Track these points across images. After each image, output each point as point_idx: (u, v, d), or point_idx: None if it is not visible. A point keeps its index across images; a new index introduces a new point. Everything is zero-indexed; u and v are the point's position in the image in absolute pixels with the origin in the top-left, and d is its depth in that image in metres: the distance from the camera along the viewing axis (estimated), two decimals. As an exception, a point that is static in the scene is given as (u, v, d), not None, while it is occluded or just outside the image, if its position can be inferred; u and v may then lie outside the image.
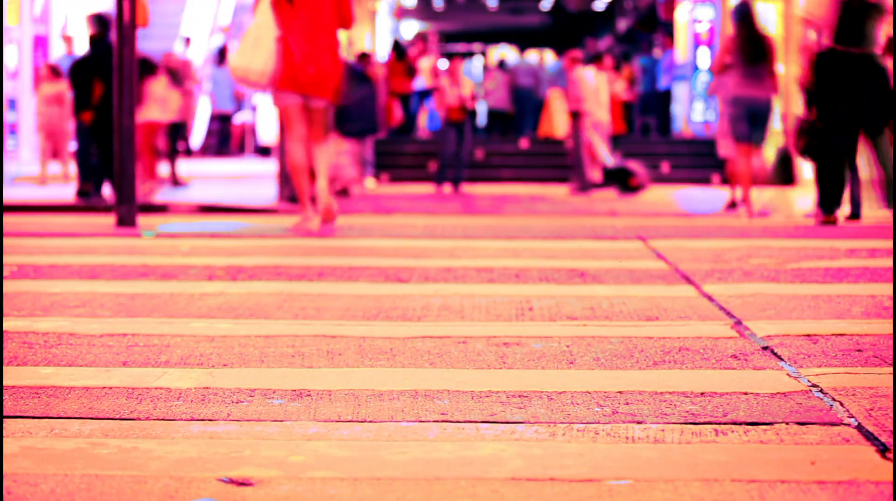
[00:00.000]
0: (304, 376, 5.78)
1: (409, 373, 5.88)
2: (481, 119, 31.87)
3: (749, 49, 13.61)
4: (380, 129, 15.64)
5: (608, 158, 21.16)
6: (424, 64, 27.71)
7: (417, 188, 22.03)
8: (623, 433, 4.74)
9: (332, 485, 4.09)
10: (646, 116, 30.93)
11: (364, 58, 21.38)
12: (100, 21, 17.78)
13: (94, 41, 17.73)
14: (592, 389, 5.48)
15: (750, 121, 14.03)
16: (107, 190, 18.26)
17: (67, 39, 21.69)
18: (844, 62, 12.02)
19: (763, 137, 14.13)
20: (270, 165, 21.25)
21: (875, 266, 10.10)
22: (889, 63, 12.12)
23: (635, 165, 21.20)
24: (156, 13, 22.42)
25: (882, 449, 4.49)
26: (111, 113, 17.47)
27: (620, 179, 20.89)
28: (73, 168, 20.28)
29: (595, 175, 22.11)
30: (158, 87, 18.92)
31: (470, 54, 48.92)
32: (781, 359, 6.18)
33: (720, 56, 14.51)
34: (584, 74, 21.59)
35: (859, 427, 4.80)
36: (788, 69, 21.29)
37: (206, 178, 19.78)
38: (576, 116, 21.41)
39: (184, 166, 20.61)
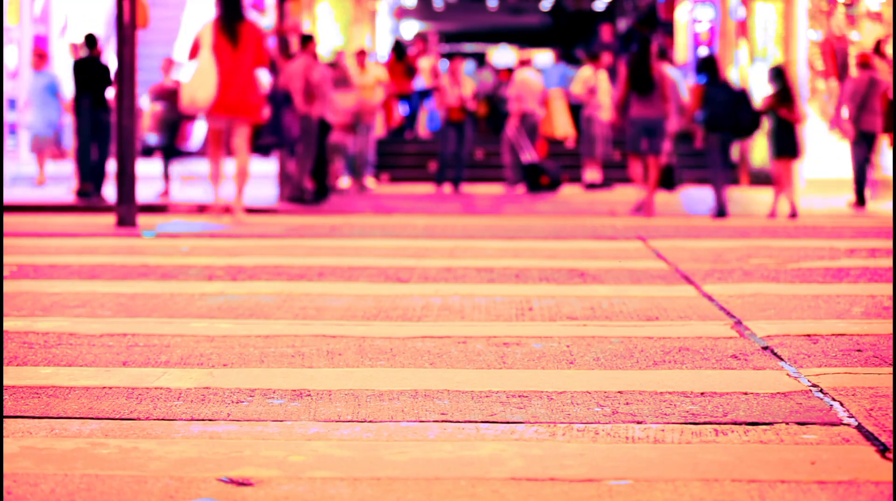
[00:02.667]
0: (304, 376, 5.78)
1: (409, 373, 5.88)
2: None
3: (641, 83, 16.85)
4: (288, 143, 17.22)
5: (528, 155, 21.41)
6: (424, 64, 27.71)
7: (417, 188, 22.02)
8: (623, 433, 4.74)
9: (332, 485, 4.09)
10: None
11: (361, 55, 21.39)
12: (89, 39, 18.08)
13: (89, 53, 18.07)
14: (592, 389, 5.49)
15: (646, 136, 16.85)
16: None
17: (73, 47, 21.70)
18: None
19: (659, 148, 16.92)
20: (270, 166, 21.25)
21: (875, 266, 10.10)
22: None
23: (549, 164, 21.64)
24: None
25: (882, 449, 4.50)
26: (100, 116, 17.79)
27: (532, 177, 21.25)
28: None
29: (595, 175, 22.17)
30: None
31: (469, 55, 48.94)
32: (781, 359, 6.19)
33: (621, 94, 17.49)
34: (527, 74, 21.97)
35: (859, 427, 4.80)
36: (788, 70, 21.29)
37: (204, 177, 19.77)
38: (508, 115, 21.76)
39: (183, 166, 20.64)
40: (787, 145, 16.69)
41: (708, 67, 16.85)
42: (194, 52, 13.84)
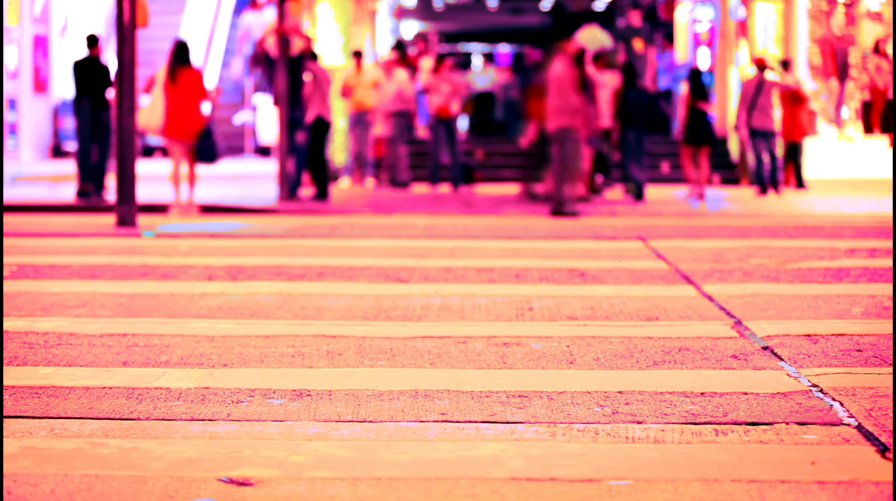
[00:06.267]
0: (304, 376, 5.78)
1: (409, 373, 5.88)
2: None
3: (579, 84, 18.75)
4: (218, 157, 19.87)
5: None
6: (425, 64, 27.71)
7: (417, 188, 22.01)
8: (623, 433, 4.74)
9: (332, 485, 4.09)
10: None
11: (358, 56, 21.40)
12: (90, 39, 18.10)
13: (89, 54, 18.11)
14: (592, 389, 5.49)
15: None
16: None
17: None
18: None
19: (592, 140, 18.81)
20: (270, 166, 21.25)
21: (875, 266, 10.10)
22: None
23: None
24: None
25: (882, 449, 4.50)
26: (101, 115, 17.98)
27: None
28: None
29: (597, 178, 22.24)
30: None
31: (469, 54, 48.94)
32: (781, 359, 6.19)
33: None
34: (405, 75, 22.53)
35: (859, 427, 4.80)
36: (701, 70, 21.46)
37: (206, 178, 19.80)
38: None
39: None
40: (696, 134, 19.08)
41: (626, 73, 19.46)
42: (149, 87, 17.40)
